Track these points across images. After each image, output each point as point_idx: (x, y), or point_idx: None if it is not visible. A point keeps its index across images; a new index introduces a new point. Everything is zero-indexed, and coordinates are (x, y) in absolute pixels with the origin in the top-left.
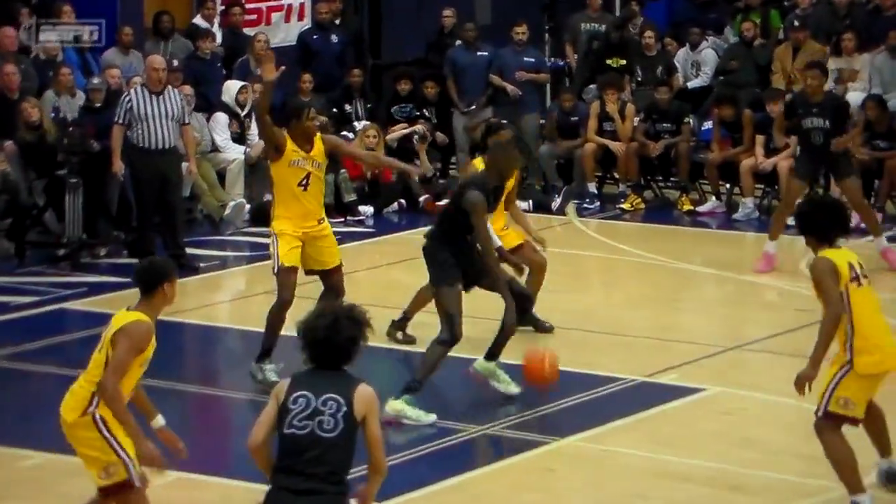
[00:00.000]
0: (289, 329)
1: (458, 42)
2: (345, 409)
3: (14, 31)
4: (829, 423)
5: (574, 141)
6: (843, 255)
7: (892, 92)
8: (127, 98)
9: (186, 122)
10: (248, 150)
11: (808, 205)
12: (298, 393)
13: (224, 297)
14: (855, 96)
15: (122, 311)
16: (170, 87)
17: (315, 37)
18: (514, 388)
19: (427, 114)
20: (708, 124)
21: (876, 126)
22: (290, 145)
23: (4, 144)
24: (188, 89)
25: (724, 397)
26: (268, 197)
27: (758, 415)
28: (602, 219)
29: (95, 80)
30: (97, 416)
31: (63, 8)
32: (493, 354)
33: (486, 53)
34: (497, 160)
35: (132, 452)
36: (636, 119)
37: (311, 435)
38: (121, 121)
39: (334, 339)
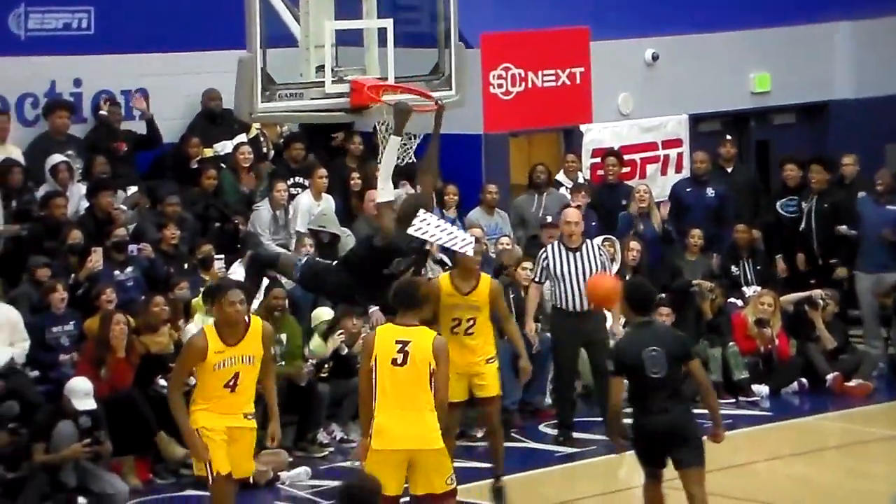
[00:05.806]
0: None
1: (862, 194)
2: None
3: None
4: None
5: None
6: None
7: None
8: (543, 255)
9: None
10: None
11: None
12: None
13: None
14: None
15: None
16: (588, 241)
17: (688, 190)
18: None
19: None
20: None
21: None
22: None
23: None
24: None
25: None
26: None
27: None
28: None
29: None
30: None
31: None
32: None
33: (894, 208)
34: None
35: None
36: None
37: None
38: (537, 279)
39: None
